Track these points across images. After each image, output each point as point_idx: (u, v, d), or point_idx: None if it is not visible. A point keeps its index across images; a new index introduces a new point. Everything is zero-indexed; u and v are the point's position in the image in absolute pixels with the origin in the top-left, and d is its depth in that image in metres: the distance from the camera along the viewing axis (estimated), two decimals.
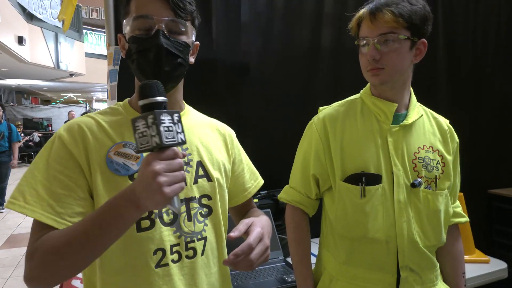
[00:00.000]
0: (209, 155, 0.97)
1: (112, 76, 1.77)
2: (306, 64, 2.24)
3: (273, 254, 1.85)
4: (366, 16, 1.06)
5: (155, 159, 0.65)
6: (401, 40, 1.04)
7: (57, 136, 0.84)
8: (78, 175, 0.81)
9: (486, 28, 2.71)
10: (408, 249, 1.07)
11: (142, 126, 0.66)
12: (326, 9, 2.26)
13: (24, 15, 8.89)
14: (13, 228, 5.39)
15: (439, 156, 1.14)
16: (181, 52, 0.86)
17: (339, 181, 1.13)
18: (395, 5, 1.02)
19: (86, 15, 14.74)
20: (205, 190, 0.94)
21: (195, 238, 0.90)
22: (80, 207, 0.80)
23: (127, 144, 0.86)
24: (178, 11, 0.85)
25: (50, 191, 0.78)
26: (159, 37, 0.82)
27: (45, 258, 0.72)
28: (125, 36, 0.89)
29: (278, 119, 2.17)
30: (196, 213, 0.91)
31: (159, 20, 0.83)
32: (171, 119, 0.67)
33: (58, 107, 14.83)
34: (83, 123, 0.86)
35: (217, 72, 2.03)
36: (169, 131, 0.66)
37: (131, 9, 0.86)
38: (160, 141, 0.65)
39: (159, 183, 0.63)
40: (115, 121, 0.89)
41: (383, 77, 1.07)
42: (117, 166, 0.83)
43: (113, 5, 1.75)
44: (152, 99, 0.67)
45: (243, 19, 2.07)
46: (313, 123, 1.22)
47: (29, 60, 9.05)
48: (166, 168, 0.65)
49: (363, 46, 1.09)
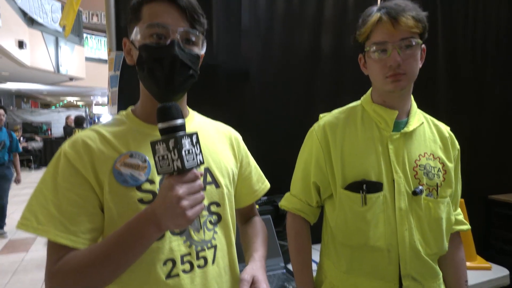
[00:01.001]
0: (217, 161, 0.96)
1: (112, 81, 1.77)
2: (306, 69, 2.25)
3: (274, 261, 1.84)
4: (386, 21, 1.03)
5: (177, 183, 0.67)
6: (416, 46, 1.04)
7: (62, 153, 0.83)
8: (87, 191, 0.80)
9: (485, 34, 2.72)
10: (410, 258, 1.06)
11: (163, 150, 0.67)
12: (326, 14, 2.27)
13: (24, 20, 8.91)
14: (12, 233, 5.37)
15: (440, 164, 1.14)
16: (193, 64, 0.86)
17: (340, 189, 1.12)
18: (410, 10, 1.02)
19: (87, 20, 14.79)
20: (214, 197, 0.93)
21: (205, 246, 0.89)
22: (92, 222, 0.80)
23: (134, 154, 0.85)
24: (193, 22, 0.85)
25: (61, 210, 0.77)
26: (174, 48, 0.81)
27: (68, 280, 0.74)
28: (132, 42, 0.87)
29: (279, 125, 2.17)
30: (206, 221, 0.90)
31: (175, 30, 0.82)
32: (191, 142, 0.69)
33: (58, 111, 14.83)
34: (87, 137, 0.85)
35: (218, 78, 2.03)
36: (189, 154, 0.68)
37: (143, 15, 0.84)
38: (182, 165, 0.67)
39: (182, 207, 0.66)
40: (119, 132, 0.88)
41: (403, 83, 1.06)
42: (125, 177, 0.82)
43: (114, 11, 1.75)
44: (172, 122, 0.68)
45: (243, 24, 2.07)
46: (314, 131, 1.22)
47: (29, 64, 9.06)
48: (188, 192, 0.68)
49: (376, 52, 1.06)
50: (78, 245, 0.77)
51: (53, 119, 14.36)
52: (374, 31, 1.06)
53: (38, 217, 0.77)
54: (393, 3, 1.05)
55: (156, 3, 0.83)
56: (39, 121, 14.03)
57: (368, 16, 1.07)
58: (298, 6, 2.20)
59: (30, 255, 4.59)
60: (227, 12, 2.03)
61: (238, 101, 2.09)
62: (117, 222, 0.80)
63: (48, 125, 14.08)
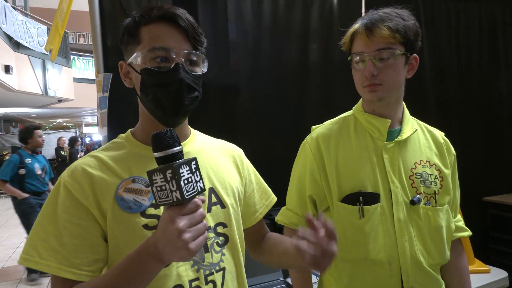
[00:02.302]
0: (221, 180, 0.93)
1: (102, 103, 1.76)
2: (296, 81, 2.26)
3: (272, 276, 1.82)
4: (362, 32, 1.04)
5: (178, 215, 0.63)
6: (397, 56, 1.03)
7: (62, 183, 0.80)
8: (88, 221, 0.78)
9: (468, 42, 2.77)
10: (412, 269, 1.05)
11: (160, 180, 0.64)
12: (313, 25, 2.29)
13: (10, 44, 8.86)
14: (4, 261, 5.23)
15: (436, 171, 1.13)
16: (197, 85, 0.84)
17: (336, 201, 1.11)
18: (390, 20, 1.02)
19: (73, 41, 14.77)
20: (220, 218, 0.89)
21: (214, 270, 0.86)
22: (96, 254, 0.78)
23: (136, 179, 0.82)
24: (195, 43, 0.83)
25: (63, 243, 0.75)
26: (179, 72, 0.79)
27: None
28: (131, 65, 0.84)
29: (271, 138, 2.17)
30: (213, 243, 0.87)
31: (178, 53, 0.80)
32: (190, 169, 0.65)
33: (47, 133, 14.67)
34: (86, 165, 0.82)
35: (208, 93, 2.03)
36: (189, 183, 0.64)
37: (143, 38, 0.81)
38: (181, 196, 0.63)
39: (184, 240, 0.62)
40: (120, 156, 0.85)
41: (380, 93, 1.06)
42: (128, 204, 0.80)
43: (101, 32, 1.75)
44: (168, 151, 0.64)
45: (230, 37, 2.08)
46: (307, 143, 1.20)
47: (17, 88, 8.98)
48: (189, 223, 0.64)
49: (357, 62, 1.07)
50: (81, 278, 0.75)
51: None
52: (354, 41, 1.08)
53: (40, 251, 0.75)
54: (375, 14, 1.05)
55: (155, 24, 0.81)
56: None
57: (350, 27, 1.10)
58: (284, 18, 2.22)
59: (22, 284, 4.46)
60: (214, 26, 2.04)
61: (229, 115, 2.09)
62: (123, 250, 0.78)
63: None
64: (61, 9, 2.04)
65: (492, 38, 2.85)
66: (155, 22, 0.81)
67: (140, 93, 0.84)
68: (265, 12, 2.18)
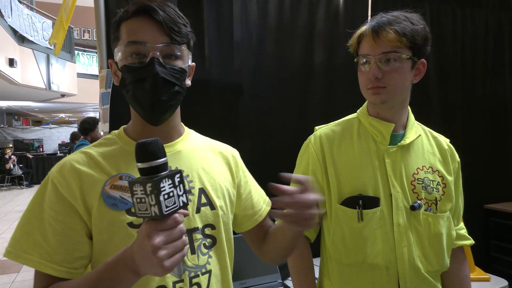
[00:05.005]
0: (212, 181, 0.91)
1: (104, 99, 1.75)
2: (299, 82, 2.25)
3: (271, 277, 1.81)
4: (368, 34, 1.04)
5: (154, 231, 0.61)
6: (403, 60, 1.02)
7: (50, 178, 0.80)
8: (73, 219, 0.77)
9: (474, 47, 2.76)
10: (410, 275, 1.04)
11: (141, 193, 0.61)
12: (318, 27, 2.28)
13: (15, 38, 8.89)
14: (1, 254, 5.25)
15: (439, 177, 1.11)
16: (177, 80, 0.81)
17: (335, 204, 1.10)
18: (398, 24, 1.01)
19: (78, 36, 14.80)
20: (208, 219, 0.88)
21: (200, 272, 0.84)
22: (79, 251, 0.78)
23: (123, 176, 0.81)
24: (173, 35, 0.79)
25: (46, 238, 0.75)
26: (154, 66, 0.77)
27: None
28: (116, 63, 0.84)
29: (273, 138, 2.16)
30: (200, 244, 0.86)
31: (154, 47, 0.77)
32: (172, 183, 0.62)
33: (50, 127, 14.72)
34: (75, 161, 0.82)
35: (210, 93, 2.02)
36: (169, 197, 0.61)
37: (121, 35, 0.81)
38: (159, 212, 0.60)
39: (158, 257, 0.60)
40: (109, 152, 0.85)
41: (384, 96, 1.05)
42: (114, 201, 0.79)
43: (105, 28, 1.74)
44: (152, 163, 0.61)
45: (235, 37, 2.07)
46: (310, 143, 1.19)
47: (20, 81, 9.01)
48: (166, 240, 0.61)
49: (363, 64, 1.06)
50: (62, 275, 0.75)
51: (44, 136, 14.24)
52: (361, 43, 1.08)
53: (23, 245, 0.75)
54: (384, 17, 1.04)
55: (133, 19, 0.79)
56: (30, 138, 13.90)
57: (358, 29, 1.09)
58: (290, 19, 2.21)
59: (21, 276, 4.48)
60: (219, 26, 2.03)
61: (232, 115, 2.08)
62: (108, 247, 0.77)
63: (40, 142, 13.95)
64: (66, 3, 2.04)
65: (498, 43, 2.83)
66: (132, 18, 0.80)
67: (123, 90, 0.84)
68: (270, 12, 2.17)
